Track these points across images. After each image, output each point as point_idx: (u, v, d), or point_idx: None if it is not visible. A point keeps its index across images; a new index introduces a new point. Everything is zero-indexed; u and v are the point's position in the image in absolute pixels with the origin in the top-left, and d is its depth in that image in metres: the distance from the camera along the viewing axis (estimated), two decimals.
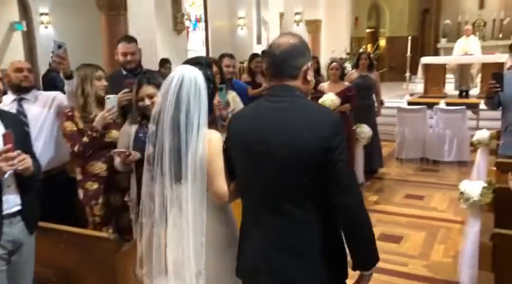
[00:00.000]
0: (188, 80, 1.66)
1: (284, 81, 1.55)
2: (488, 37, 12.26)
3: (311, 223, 1.51)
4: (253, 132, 1.55)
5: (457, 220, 4.19)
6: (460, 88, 9.30)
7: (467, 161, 5.99)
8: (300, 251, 1.51)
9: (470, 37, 9.41)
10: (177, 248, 1.67)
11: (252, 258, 1.58)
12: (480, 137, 4.27)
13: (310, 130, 1.46)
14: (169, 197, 1.67)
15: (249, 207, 1.63)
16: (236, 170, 1.65)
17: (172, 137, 1.64)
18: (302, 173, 1.46)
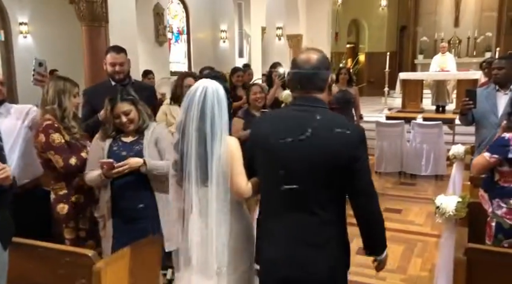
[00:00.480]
0: (211, 93, 1.84)
1: (312, 94, 1.72)
2: (463, 54, 12.65)
3: (331, 221, 1.71)
4: (281, 137, 1.69)
5: (434, 233, 4.26)
6: (437, 103, 9.54)
7: (444, 175, 6.12)
8: (320, 245, 1.70)
9: (446, 54, 9.70)
10: (201, 246, 1.84)
11: (275, 252, 1.75)
12: (456, 152, 4.37)
13: (338, 140, 1.64)
14: (194, 199, 1.84)
15: (272, 206, 1.78)
16: (259, 169, 1.82)
17: (198, 144, 1.81)
18: (328, 178, 1.65)
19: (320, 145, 1.64)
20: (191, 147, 1.82)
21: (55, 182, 2.65)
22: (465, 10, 12.87)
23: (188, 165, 1.83)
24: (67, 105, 2.61)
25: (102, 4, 5.57)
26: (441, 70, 9.44)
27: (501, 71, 3.39)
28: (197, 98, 1.82)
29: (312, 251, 1.70)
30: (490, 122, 3.38)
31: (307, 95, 1.72)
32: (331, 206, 1.71)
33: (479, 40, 12.42)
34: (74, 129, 2.64)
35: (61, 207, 2.63)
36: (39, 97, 2.72)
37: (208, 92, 1.83)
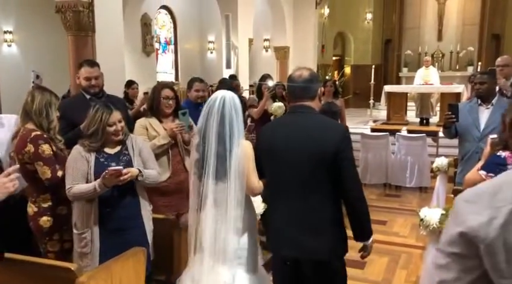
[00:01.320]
0: (228, 101, 2.13)
1: (304, 102, 2.10)
2: (446, 68, 12.91)
3: (325, 207, 2.01)
4: (283, 139, 2.06)
5: (418, 245, 4.30)
6: (421, 116, 9.69)
7: (428, 187, 6.19)
8: (317, 228, 2.01)
9: (430, 68, 9.88)
10: (216, 233, 2.13)
11: (279, 236, 2.08)
12: (439, 164, 4.44)
13: (326, 137, 2.00)
14: (212, 192, 2.14)
15: (276, 196, 2.12)
16: (265, 167, 2.15)
17: (218, 145, 2.11)
18: (320, 169, 1.98)
19: (313, 139, 2.00)
20: (211, 148, 2.12)
21: (39, 194, 2.60)
22: (448, 25, 13.18)
23: (208, 164, 2.12)
24: (54, 117, 2.61)
25: (89, 14, 5.56)
26: (425, 83, 9.61)
27: (483, 86, 3.47)
28: (216, 106, 2.12)
29: (308, 234, 2.01)
30: (473, 136, 3.44)
31: (300, 103, 2.10)
32: (325, 195, 2.02)
33: (461, 54, 12.71)
34: (59, 141, 2.63)
35: (45, 220, 2.59)
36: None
37: (226, 100, 2.13)
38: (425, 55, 11.44)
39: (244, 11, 9.71)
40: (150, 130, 3.04)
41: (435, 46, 13.14)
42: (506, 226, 0.88)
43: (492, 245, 0.88)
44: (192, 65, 13.05)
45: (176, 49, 13.07)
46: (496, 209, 0.89)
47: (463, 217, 0.93)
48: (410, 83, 10.74)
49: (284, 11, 11.65)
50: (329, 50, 13.73)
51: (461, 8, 13.03)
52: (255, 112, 5.14)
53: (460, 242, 0.92)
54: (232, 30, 9.14)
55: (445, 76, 11.55)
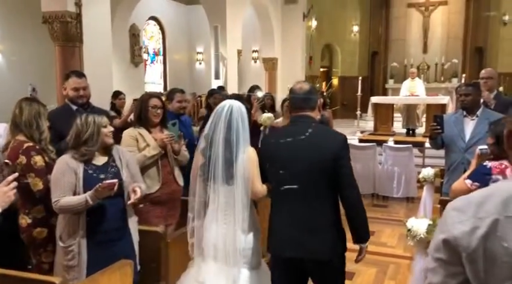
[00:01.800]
0: (235, 110, 2.28)
1: (305, 112, 2.25)
2: (432, 79, 13.13)
3: (325, 210, 2.16)
4: (286, 147, 2.19)
5: (406, 255, 4.32)
6: (407, 127, 9.81)
7: (415, 197, 6.25)
8: (316, 230, 2.15)
9: (415, 79, 10.03)
10: (223, 235, 2.26)
11: (282, 237, 2.20)
12: (425, 174, 4.49)
13: (326, 145, 2.15)
14: (217, 195, 2.27)
15: (279, 200, 2.24)
16: (269, 173, 2.29)
17: (225, 151, 2.24)
18: (321, 175, 2.13)
19: (314, 147, 2.15)
20: (218, 153, 2.25)
21: (32, 206, 2.58)
22: (433, 37, 13.44)
23: (214, 168, 2.25)
24: (44, 128, 2.59)
25: (76, 24, 5.55)
26: (411, 94, 9.75)
27: (468, 98, 3.54)
28: (224, 113, 2.27)
29: (312, 236, 2.14)
30: (458, 147, 3.49)
31: (301, 113, 2.25)
32: (325, 199, 2.17)
33: (446, 66, 12.94)
34: (51, 151, 2.61)
35: (39, 231, 2.57)
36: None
37: (234, 109, 2.28)
38: (411, 67, 11.63)
39: (233, 23, 9.79)
40: (140, 141, 3.02)
41: (420, 58, 13.37)
42: (487, 237, 0.90)
43: (473, 254, 0.91)
44: (180, 76, 13.05)
45: (165, 59, 13.08)
46: (479, 219, 0.92)
47: (448, 225, 0.96)
48: (397, 94, 10.88)
49: (272, 23, 11.77)
50: (317, 62, 13.88)
51: (445, 21, 13.32)
52: None
53: (444, 249, 0.96)
54: (220, 41, 9.19)
55: (431, 87, 11.73)
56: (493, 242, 0.90)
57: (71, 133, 2.42)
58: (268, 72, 12.22)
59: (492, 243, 0.90)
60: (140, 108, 3.09)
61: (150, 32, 12.63)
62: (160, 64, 13.04)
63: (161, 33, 12.92)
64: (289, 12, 12.10)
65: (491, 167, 2.32)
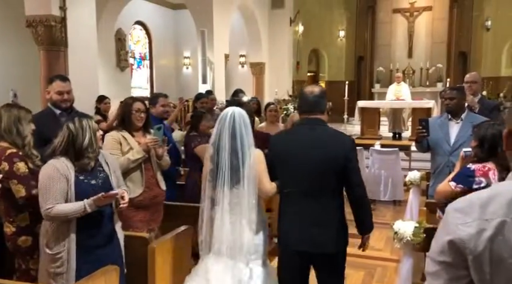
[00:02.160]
0: (238, 116, 2.38)
1: (316, 115, 2.37)
2: (417, 84, 13.29)
3: (333, 208, 2.34)
4: (297, 147, 2.33)
5: (393, 258, 4.34)
6: (393, 130, 9.90)
7: (402, 200, 6.29)
8: (323, 224, 2.31)
9: (401, 84, 10.14)
10: (231, 234, 2.38)
11: (290, 232, 2.35)
12: (412, 178, 4.53)
13: (336, 147, 2.31)
14: (226, 197, 2.39)
15: (289, 197, 2.38)
16: (279, 172, 2.42)
17: (231, 157, 2.35)
18: (330, 174, 2.29)
19: (324, 148, 2.29)
20: (225, 159, 2.36)
21: (16, 213, 2.53)
22: (418, 42, 13.62)
23: (221, 172, 2.36)
24: (27, 133, 2.55)
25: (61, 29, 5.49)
26: (397, 99, 9.85)
27: (453, 101, 3.58)
28: (227, 121, 2.38)
29: (319, 231, 2.29)
30: (443, 150, 3.53)
31: (313, 116, 2.37)
32: (332, 197, 2.33)
33: (431, 70, 13.12)
34: (35, 157, 2.56)
35: (24, 240, 2.53)
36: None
37: (236, 116, 2.39)
38: (397, 72, 11.74)
39: (220, 27, 9.79)
40: (123, 144, 2.99)
41: (406, 63, 13.54)
42: (494, 239, 0.89)
43: (480, 257, 0.90)
44: (167, 80, 13.00)
45: (151, 64, 13.01)
46: (486, 221, 0.91)
47: (453, 226, 0.94)
48: (383, 98, 10.99)
49: (259, 27, 11.81)
50: (304, 66, 13.95)
51: (430, 26, 13.52)
52: None
53: (450, 251, 0.94)
54: (207, 46, 9.18)
55: (416, 92, 11.88)
56: (499, 244, 0.89)
57: (61, 138, 2.34)
58: (255, 76, 12.24)
59: (499, 245, 0.89)
60: (123, 112, 3.07)
61: (136, 36, 12.56)
62: (147, 69, 12.98)
63: (147, 38, 12.86)
64: (276, 17, 12.16)
65: (475, 169, 2.35)
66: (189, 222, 3.06)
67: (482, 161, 2.38)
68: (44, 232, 2.35)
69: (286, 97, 11.60)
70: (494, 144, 2.35)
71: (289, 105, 10.85)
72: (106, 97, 5.92)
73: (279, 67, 12.28)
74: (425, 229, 2.77)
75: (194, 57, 12.10)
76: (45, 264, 2.35)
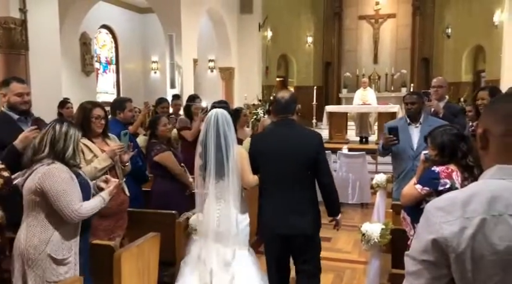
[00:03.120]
0: (220, 117, 2.73)
1: (288, 116, 2.78)
2: (382, 89, 13.63)
3: (307, 197, 2.73)
4: (274, 144, 2.72)
5: (361, 260, 4.40)
6: (360, 135, 10.09)
7: (369, 203, 6.41)
8: (301, 212, 2.70)
9: (367, 89, 10.37)
10: (218, 221, 2.73)
11: (271, 218, 2.73)
12: (378, 180, 4.63)
13: (307, 142, 2.72)
14: (212, 189, 2.74)
15: (269, 188, 2.76)
16: (260, 166, 2.78)
17: (216, 152, 2.70)
18: (304, 166, 2.68)
19: (298, 144, 2.69)
20: (211, 155, 2.70)
21: None
22: (383, 49, 13.99)
23: (209, 167, 2.70)
24: None
25: (21, 31, 5.31)
26: (363, 103, 10.06)
27: (414, 106, 3.68)
28: (212, 122, 2.72)
29: (297, 216, 2.68)
30: (408, 155, 3.61)
31: (285, 117, 2.78)
32: (307, 186, 2.72)
33: (395, 76, 13.48)
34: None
35: None
36: None
37: (219, 117, 2.73)
38: (363, 77, 12.00)
39: (188, 32, 9.72)
40: (86, 153, 2.88)
41: (372, 68, 13.86)
42: (475, 237, 0.92)
43: (462, 255, 0.92)
44: (135, 85, 12.78)
45: (118, 68, 12.77)
46: (467, 219, 0.93)
47: (436, 225, 0.96)
48: (350, 103, 11.19)
49: (228, 32, 11.81)
50: (273, 71, 14.04)
51: (394, 33, 13.92)
52: (190, 134, 5.00)
53: (433, 250, 0.95)
54: (176, 50, 9.09)
55: (382, 96, 12.16)
56: (480, 241, 0.92)
57: (40, 139, 2.29)
58: (225, 81, 12.22)
59: (480, 242, 0.92)
60: (82, 118, 2.95)
61: (102, 40, 12.31)
62: (113, 74, 12.72)
63: (114, 42, 12.63)
64: (245, 22, 12.20)
65: (439, 171, 2.41)
66: (157, 229, 3.00)
67: (444, 163, 2.45)
68: (46, 241, 2.24)
69: (256, 102, 11.62)
70: (454, 148, 2.42)
71: (259, 110, 10.88)
72: (68, 102, 5.73)
73: (249, 72, 12.31)
74: (392, 230, 2.82)
75: (162, 61, 11.96)
76: (46, 272, 2.24)
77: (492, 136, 1.03)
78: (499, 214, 0.93)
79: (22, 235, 2.26)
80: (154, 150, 3.62)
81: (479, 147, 1.07)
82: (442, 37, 13.25)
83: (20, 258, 2.25)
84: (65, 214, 2.23)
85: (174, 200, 3.61)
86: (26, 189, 2.26)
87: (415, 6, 13.34)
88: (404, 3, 13.60)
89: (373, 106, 10.01)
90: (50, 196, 2.21)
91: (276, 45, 13.71)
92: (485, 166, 1.06)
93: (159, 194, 3.68)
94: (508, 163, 1.00)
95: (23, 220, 2.30)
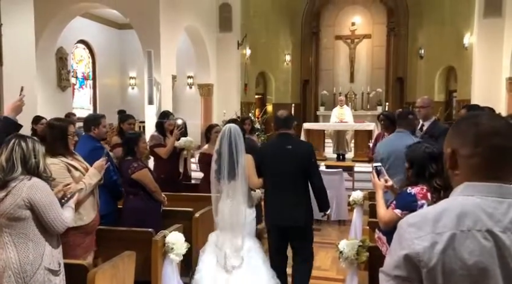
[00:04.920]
0: (233, 130, 3.40)
1: (287, 130, 3.52)
2: (359, 107, 13.89)
3: (301, 195, 3.45)
4: (277, 153, 3.47)
5: (339, 278, 4.40)
6: (337, 152, 10.20)
7: (346, 220, 6.44)
8: (297, 207, 3.40)
9: (344, 107, 10.55)
10: (230, 215, 3.38)
11: (273, 212, 3.50)
12: (355, 197, 4.68)
13: (302, 151, 3.45)
14: (226, 188, 3.41)
15: (270, 188, 3.53)
16: (264, 170, 3.49)
17: (229, 158, 3.34)
18: (299, 170, 3.40)
19: (295, 153, 3.40)
20: (224, 161, 3.34)
21: None
22: (359, 68, 14.32)
23: (223, 171, 3.35)
24: None
25: None
26: (340, 121, 10.21)
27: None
28: (226, 134, 3.39)
29: (294, 210, 3.38)
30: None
31: (285, 131, 3.51)
32: (301, 187, 3.45)
33: (371, 94, 13.78)
34: None
35: None
36: None
37: (232, 130, 3.40)
38: (340, 95, 12.22)
39: (167, 48, 9.73)
40: (72, 170, 2.83)
41: (348, 87, 14.14)
42: (445, 252, 0.94)
43: (433, 270, 0.94)
44: (112, 100, 12.65)
45: (95, 84, 12.64)
46: (438, 235, 0.96)
47: (408, 241, 0.98)
48: (327, 121, 11.33)
49: (207, 49, 11.87)
50: (252, 88, 14.15)
51: (370, 53, 14.28)
52: (165, 151, 4.93)
53: (405, 265, 0.97)
54: (154, 66, 9.06)
55: (358, 115, 12.39)
56: (450, 256, 0.94)
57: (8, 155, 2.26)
58: (204, 97, 12.22)
59: (450, 257, 0.94)
60: (60, 136, 2.88)
61: (79, 55, 12.19)
62: (90, 89, 12.57)
63: (91, 57, 12.52)
64: (224, 40, 12.30)
65: (415, 193, 2.39)
66: (132, 248, 2.94)
67: (413, 184, 2.46)
68: (41, 254, 2.28)
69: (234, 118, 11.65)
70: (423, 167, 2.42)
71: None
72: (42, 118, 5.60)
73: (228, 89, 12.37)
74: (369, 248, 2.84)
75: (140, 77, 11.91)
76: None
77: (461, 157, 1.06)
78: (467, 230, 0.96)
79: (11, 254, 2.22)
80: (131, 167, 3.57)
81: (448, 167, 1.10)
82: (415, 57, 13.66)
83: (13, 278, 2.21)
84: (54, 225, 2.30)
85: (149, 218, 3.58)
86: (6, 208, 2.21)
87: (389, 27, 13.76)
88: (378, 25, 14.01)
89: (350, 124, 10.17)
90: (40, 208, 2.24)
91: (255, 62, 13.86)
92: (455, 184, 1.09)
93: (132, 212, 3.62)
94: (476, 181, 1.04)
95: (4, 242, 2.24)
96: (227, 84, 12.35)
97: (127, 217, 3.65)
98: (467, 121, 1.11)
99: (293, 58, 14.74)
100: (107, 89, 12.84)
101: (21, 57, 5.76)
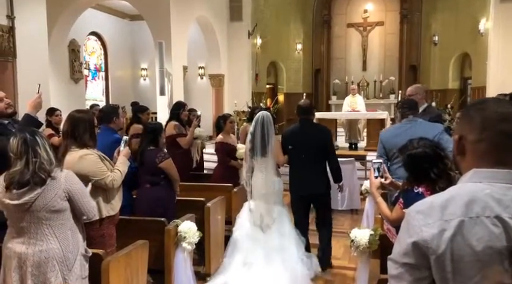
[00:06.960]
0: (265, 116, 4.00)
1: (308, 117, 4.26)
2: (371, 95, 13.76)
3: (321, 168, 4.17)
4: (299, 136, 4.15)
5: (351, 266, 4.40)
6: (350, 141, 10.13)
7: (358, 209, 6.42)
8: (318, 177, 4.13)
9: (356, 96, 10.43)
10: (262, 185, 3.96)
11: (298, 182, 4.17)
12: (367, 186, 4.65)
13: (321, 134, 4.20)
14: (259, 164, 3.97)
15: (296, 164, 4.15)
16: (290, 150, 4.13)
17: (261, 139, 3.93)
18: (319, 150, 4.10)
19: (315, 135, 4.13)
20: (258, 141, 3.93)
21: None
22: (371, 56, 14.15)
23: (256, 149, 3.94)
24: None
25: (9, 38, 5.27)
26: (352, 110, 10.11)
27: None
28: (259, 119, 3.96)
29: (315, 181, 4.10)
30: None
31: (306, 117, 4.22)
32: (320, 164, 4.14)
33: (384, 83, 13.63)
34: None
35: None
36: None
37: (264, 116, 3.99)
38: (352, 84, 12.10)
39: (178, 39, 9.73)
40: (104, 161, 2.88)
41: (360, 75, 14.00)
42: (454, 239, 0.94)
43: (441, 256, 0.94)
44: (124, 92, 12.73)
45: (107, 75, 12.73)
46: (446, 222, 0.96)
47: (416, 228, 0.98)
48: (339, 110, 11.25)
49: (218, 39, 11.84)
50: (263, 78, 14.10)
51: (382, 41, 14.09)
52: (186, 141, 5.07)
53: (413, 253, 0.97)
54: (165, 57, 9.08)
55: (370, 103, 12.28)
56: (459, 243, 0.94)
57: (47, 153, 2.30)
58: (215, 88, 12.23)
59: (458, 244, 0.94)
60: (90, 127, 2.87)
61: (91, 47, 12.27)
62: (102, 81, 12.67)
63: (103, 49, 12.59)
64: (234, 29, 12.25)
65: (422, 192, 2.26)
66: (145, 237, 2.98)
67: (415, 182, 2.32)
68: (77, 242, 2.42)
69: (246, 109, 11.65)
70: (421, 169, 2.27)
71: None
72: (57, 109, 5.67)
73: (238, 79, 12.34)
74: (381, 236, 2.84)
75: (152, 68, 11.95)
76: (82, 269, 2.43)
77: (468, 143, 1.06)
78: (476, 216, 0.95)
79: (54, 245, 2.30)
80: (159, 156, 3.61)
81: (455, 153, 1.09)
82: (429, 44, 13.45)
83: (57, 267, 2.31)
84: (89, 211, 2.46)
85: (171, 206, 3.68)
86: (48, 201, 2.26)
87: (402, 14, 13.54)
88: (391, 12, 13.79)
89: (362, 113, 10.07)
90: (76, 196, 2.36)
91: (266, 52, 13.79)
92: (463, 171, 1.09)
93: (153, 201, 3.61)
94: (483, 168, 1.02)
95: (44, 234, 2.29)
96: (238, 74, 12.33)
97: (147, 207, 3.61)
98: (474, 106, 1.10)
99: (304, 47, 14.62)
100: (119, 81, 12.92)
101: (34, 50, 5.82)
